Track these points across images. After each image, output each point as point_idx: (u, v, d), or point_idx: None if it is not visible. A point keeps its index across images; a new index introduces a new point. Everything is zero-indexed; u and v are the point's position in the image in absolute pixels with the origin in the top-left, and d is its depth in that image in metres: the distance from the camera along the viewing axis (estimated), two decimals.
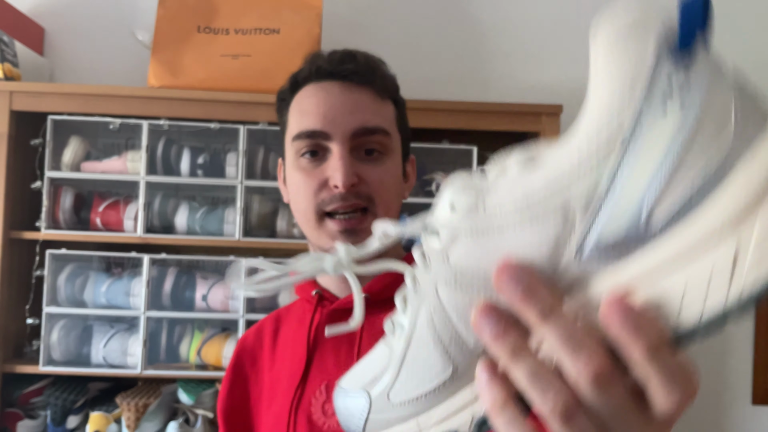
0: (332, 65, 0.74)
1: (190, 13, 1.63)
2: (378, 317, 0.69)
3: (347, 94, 0.73)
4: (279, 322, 0.85)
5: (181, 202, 1.60)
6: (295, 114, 0.75)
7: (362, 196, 0.71)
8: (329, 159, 0.71)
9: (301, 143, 0.72)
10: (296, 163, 0.74)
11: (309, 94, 0.74)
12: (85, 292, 1.56)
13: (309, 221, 0.72)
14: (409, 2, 1.92)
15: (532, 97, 1.90)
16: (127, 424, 1.45)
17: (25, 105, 1.51)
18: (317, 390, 0.73)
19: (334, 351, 0.74)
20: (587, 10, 1.94)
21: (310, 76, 0.75)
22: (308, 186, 0.71)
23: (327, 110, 0.71)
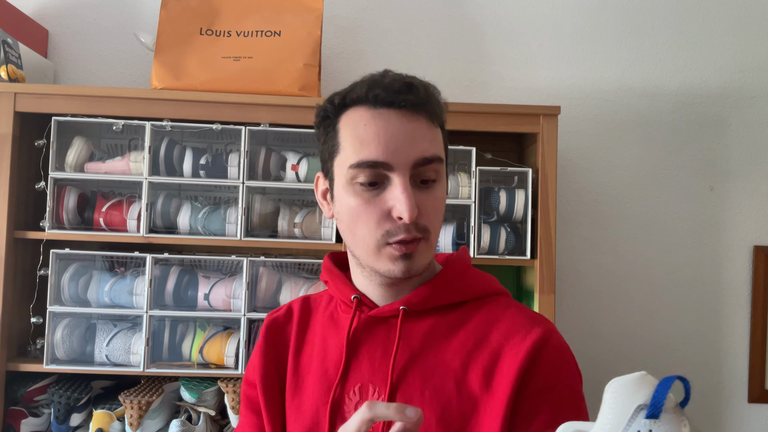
0: (391, 95, 0.74)
1: (193, 15, 1.65)
2: (413, 327, 0.79)
3: (405, 123, 0.74)
4: (308, 310, 0.88)
5: (184, 202, 1.62)
6: (352, 140, 0.75)
7: (420, 228, 0.74)
8: (389, 189, 0.73)
9: (361, 172, 0.73)
10: (352, 189, 0.75)
11: (365, 120, 0.75)
12: (89, 291, 1.57)
13: (368, 247, 0.75)
14: (408, 5, 1.94)
15: (531, 98, 1.92)
16: (130, 422, 1.46)
17: (29, 106, 1.52)
18: (351, 391, 0.77)
19: (369, 356, 0.78)
20: (585, 13, 1.96)
21: (364, 101, 0.76)
22: (370, 215, 0.74)
23: (388, 141, 0.73)
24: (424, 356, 0.77)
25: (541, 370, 0.73)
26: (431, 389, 0.75)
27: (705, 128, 1.96)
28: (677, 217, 1.95)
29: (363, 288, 0.82)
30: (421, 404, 0.74)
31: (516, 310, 0.80)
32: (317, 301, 0.89)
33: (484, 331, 0.77)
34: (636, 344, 1.93)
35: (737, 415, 1.93)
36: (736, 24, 1.97)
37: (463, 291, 0.81)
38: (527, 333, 0.75)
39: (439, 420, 0.73)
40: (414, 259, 0.75)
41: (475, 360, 0.75)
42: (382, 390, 0.75)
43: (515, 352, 0.74)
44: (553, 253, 1.58)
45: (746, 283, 1.94)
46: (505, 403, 0.71)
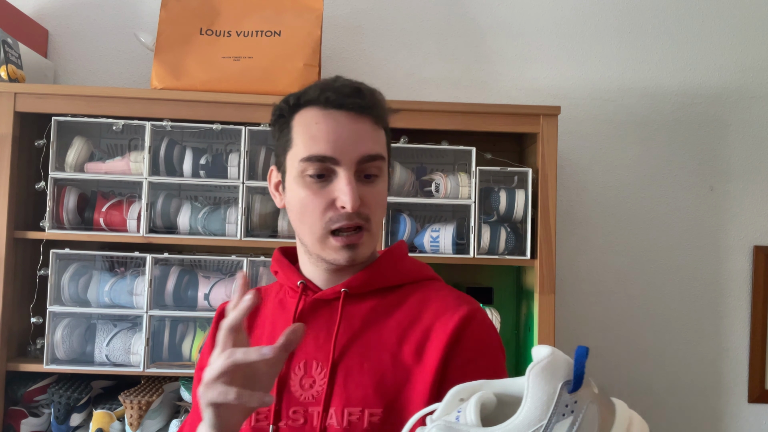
0: (341, 97, 0.82)
1: (193, 15, 1.65)
2: (354, 308, 0.87)
3: (353, 124, 0.82)
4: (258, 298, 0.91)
5: (184, 202, 1.62)
6: (303, 136, 0.82)
7: (362, 217, 0.82)
8: (335, 181, 0.81)
9: (311, 165, 0.81)
10: (302, 181, 0.82)
11: (317, 119, 0.82)
12: (89, 291, 1.57)
13: (314, 234, 0.83)
14: (408, 5, 1.94)
15: (531, 98, 1.92)
16: (130, 421, 1.46)
17: (30, 106, 1.53)
18: (297, 366, 0.84)
19: (314, 335, 0.85)
20: (585, 13, 1.96)
21: (316, 102, 0.83)
22: (316, 205, 0.81)
23: (336, 138, 0.81)
24: (363, 334, 0.85)
25: (467, 344, 0.82)
26: (369, 363, 0.83)
27: (705, 128, 1.96)
28: (677, 217, 1.95)
29: (310, 274, 0.89)
30: (360, 376, 0.82)
31: (447, 291, 0.89)
32: (268, 291, 0.96)
33: (418, 310, 0.86)
34: (636, 344, 1.93)
35: (737, 415, 1.93)
36: (736, 24, 1.97)
37: (399, 275, 0.89)
38: (455, 311, 0.84)
39: (376, 389, 0.81)
40: (357, 249, 0.83)
41: (409, 336, 0.84)
42: (325, 364, 0.83)
43: (444, 327, 0.82)
44: (553, 253, 1.58)
45: (746, 283, 1.94)
46: (433, 372, 0.80)
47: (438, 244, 1.61)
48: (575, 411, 0.47)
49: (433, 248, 1.61)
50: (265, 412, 0.83)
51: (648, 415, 2.03)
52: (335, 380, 0.82)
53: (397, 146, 1.60)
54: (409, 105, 1.60)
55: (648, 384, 1.92)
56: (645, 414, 2.02)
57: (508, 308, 1.81)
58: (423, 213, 1.77)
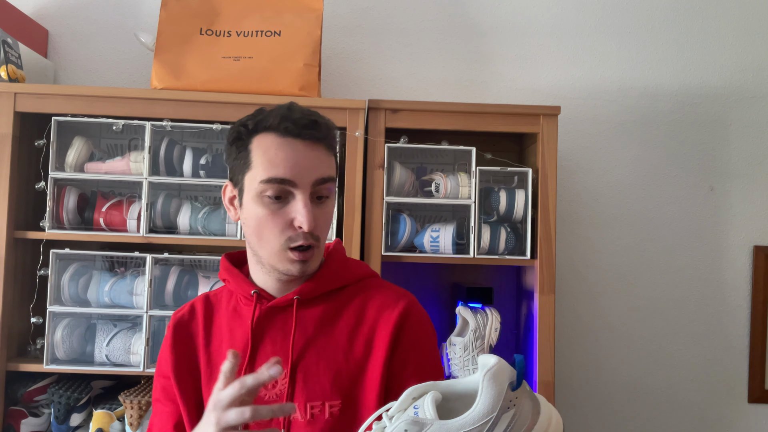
0: (298, 128, 0.89)
1: (193, 15, 1.65)
2: (307, 312, 0.96)
3: (308, 151, 0.90)
4: (211, 306, 1.02)
5: (184, 202, 1.62)
6: (263, 159, 0.89)
7: (314, 237, 0.91)
8: (292, 203, 0.89)
9: (270, 186, 0.88)
10: (260, 201, 0.90)
11: (275, 145, 0.90)
12: (89, 292, 1.57)
13: (272, 249, 0.91)
14: (408, 5, 1.94)
15: (531, 98, 1.92)
16: (130, 421, 1.46)
17: (30, 106, 1.53)
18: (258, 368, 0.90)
19: (271, 340, 0.94)
20: (585, 13, 1.96)
21: (275, 129, 0.90)
22: (275, 224, 0.89)
23: (294, 164, 0.89)
24: (316, 335, 0.94)
25: (407, 333, 0.94)
26: (324, 360, 0.93)
27: (705, 128, 1.97)
28: (677, 217, 1.95)
29: (261, 283, 0.97)
30: (317, 374, 0.92)
31: (385, 288, 1.00)
32: (218, 297, 1.03)
33: (362, 308, 0.96)
34: (636, 344, 1.93)
35: (737, 415, 1.93)
36: (736, 24, 1.97)
37: (344, 278, 0.99)
38: (395, 306, 0.95)
39: (333, 384, 0.91)
40: (308, 263, 0.92)
41: (358, 333, 0.95)
42: (284, 366, 0.90)
43: (387, 322, 0.94)
44: (553, 253, 1.58)
45: (746, 283, 1.94)
46: (382, 362, 0.92)
47: (438, 244, 1.61)
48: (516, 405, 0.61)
49: (433, 248, 1.61)
50: None
51: (648, 415, 2.04)
52: (296, 379, 0.92)
53: (397, 146, 1.60)
54: (409, 105, 1.60)
55: (648, 384, 1.92)
56: (645, 414, 2.05)
57: (508, 308, 1.81)
58: (423, 213, 1.77)
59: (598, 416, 1.91)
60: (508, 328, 1.79)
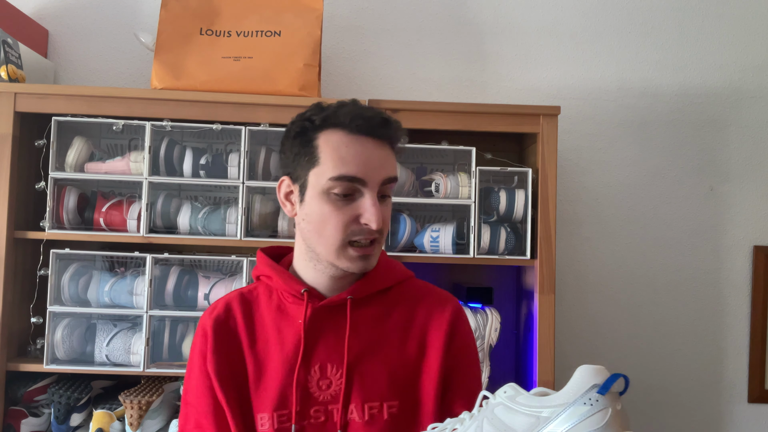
0: (370, 127, 0.89)
1: (193, 15, 1.65)
2: (360, 313, 0.95)
3: (378, 149, 0.90)
4: (247, 304, 0.98)
5: (184, 202, 1.62)
6: (333, 156, 0.88)
7: (378, 231, 0.90)
8: (360, 200, 0.89)
9: (339, 184, 0.88)
10: (326, 197, 0.89)
11: (346, 143, 0.89)
12: (89, 291, 1.57)
13: (333, 246, 0.90)
14: (409, 5, 1.94)
15: (531, 98, 1.92)
16: (130, 421, 1.46)
17: (30, 106, 1.53)
18: (312, 369, 0.92)
19: (324, 339, 0.93)
20: (585, 13, 1.96)
21: (345, 126, 0.89)
22: (339, 219, 0.88)
23: (365, 162, 0.88)
24: (370, 335, 0.94)
25: (458, 337, 0.97)
26: (379, 360, 0.93)
27: (705, 128, 1.97)
28: (677, 217, 1.95)
29: (310, 281, 0.96)
30: (373, 374, 0.92)
31: (429, 290, 1.02)
32: (253, 294, 1.00)
33: (411, 308, 0.98)
34: (636, 344, 1.93)
35: (737, 415, 1.93)
36: (736, 24, 1.97)
37: (390, 278, 0.99)
38: (444, 308, 0.98)
39: (390, 385, 0.92)
40: (370, 259, 0.92)
41: (409, 334, 0.96)
42: (339, 366, 0.92)
43: (438, 324, 0.96)
44: (553, 253, 1.58)
45: (746, 283, 1.94)
46: (439, 363, 0.93)
47: (438, 244, 1.61)
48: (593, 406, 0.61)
49: (433, 248, 1.61)
50: (287, 414, 0.91)
51: (648, 415, 2.03)
52: (352, 379, 0.91)
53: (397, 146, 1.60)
54: (409, 105, 1.60)
55: (648, 384, 1.92)
56: (645, 414, 2.04)
57: (508, 308, 1.81)
58: (423, 213, 1.77)
59: None
60: (508, 328, 1.79)
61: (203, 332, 0.96)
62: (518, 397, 0.67)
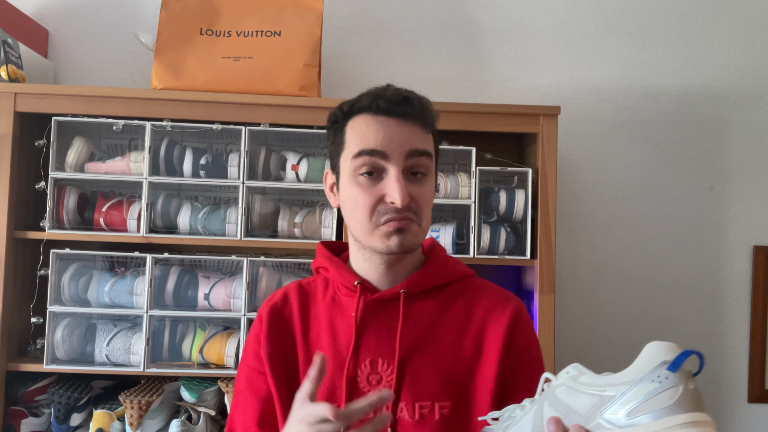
0: (391, 105, 0.87)
1: (193, 15, 1.65)
2: (413, 307, 0.92)
3: (402, 126, 0.87)
4: (304, 295, 0.98)
5: (184, 202, 1.62)
6: (355, 137, 0.88)
7: (411, 211, 0.87)
8: (385, 179, 0.86)
9: (361, 161, 0.86)
10: (354, 180, 0.88)
11: (367, 122, 0.88)
12: (89, 291, 1.57)
13: (365, 229, 0.88)
14: (408, 5, 1.94)
15: (531, 98, 1.92)
16: (130, 421, 1.46)
17: (30, 106, 1.53)
18: (363, 364, 0.89)
19: (375, 333, 0.91)
20: (585, 13, 1.96)
21: (368, 108, 0.88)
22: (367, 201, 0.86)
23: (386, 135, 0.86)
24: (423, 331, 0.91)
25: (519, 336, 0.92)
26: (433, 358, 0.89)
27: (705, 128, 1.97)
28: (677, 217, 1.95)
29: (363, 272, 0.94)
30: (425, 371, 0.88)
31: (489, 288, 0.99)
32: (311, 285, 0.99)
33: (469, 307, 0.94)
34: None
35: (737, 415, 1.93)
36: (736, 24, 1.97)
37: (448, 274, 0.96)
38: (504, 307, 0.94)
39: (443, 384, 0.88)
40: (406, 234, 0.87)
41: (466, 333, 0.91)
42: (391, 361, 0.88)
43: (498, 324, 0.91)
44: (552, 253, 1.58)
45: (746, 283, 1.94)
46: (496, 364, 0.88)
47: None
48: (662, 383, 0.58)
49: None
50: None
51: None
52: (403, 376, 0.88)
53: None
54: None
55: None
56: None
57: None
58: None
59: None
60: None
61: (259, 319, 0.96)
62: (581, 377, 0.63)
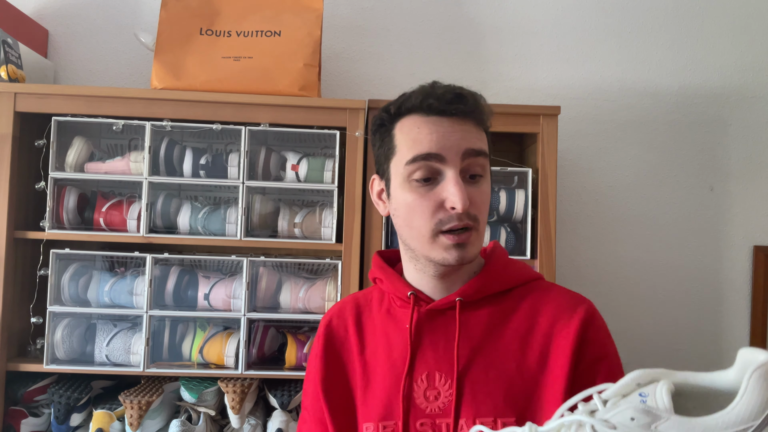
0: (443, 104, 0.83)
1: (193, 15, 1.65)
2: (470, 316, 0.86)
3: (455, 125, 0.83)
4: (359, 308, 0.95)
5: (184, 202, 1.62)
6: (407, 141, 0.83)
7: (470, 217, 0.82)
8: (442, 183, 0.81)
9: (416, 166, 0.81)
10: (408, 186, 0.83)
11: (418, 124, 0.83)
12: (89, 291, 1.57)
13: (423, 237, 0.83)
14: (408, 5, 1.94)
15: (531, 98, 1.92)
16: (130, 422, 1.46)
17: (30, 106, 1.53)
18: (419, 378, 0.84)
19: (432, 346, 0.85)
20: (585, 13, 1.96)
21: (418, 109, 0.84)
22: (425, 207, 0.81)
23: (440, 137, 0.81)
24: (483, 343, 0.84)
25: (592, 344, 0.83)
26: (494, 372, 0.82)
27: (705, 128, 1.97)
28: (677, 217, 1.95)
29: (416, 283, 0.89)
30: (486, 386, 0.81)
31: (556, 292, 0.90)
32: (367, 298, 0.96)
33: (533, 314, 0.86)
34: (636, 344, 1.93)
35: None
36: (736, 24, 1.97)
37: (509, 280, 0.89)
38: (573, 313, 0.85)
39: (506, 399, 0.80)
40: (466, 248, 0.82)
41: (530, 342, 0.83)
42: (449, 375, 0.83)
43: (566, 332, 0.83)
44: (553, 253, 1.58)
45: (746, 283, 1.94)
46: (564, 378, 0.80)
47: None
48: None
49: None
50: (391, 426, 0.83)
51: None
52: (463, 391, 0.82)
53: None
54: None
55: None
56: None
57: None
58: None
59: None
60: None
61: (318, 337, 0.94)
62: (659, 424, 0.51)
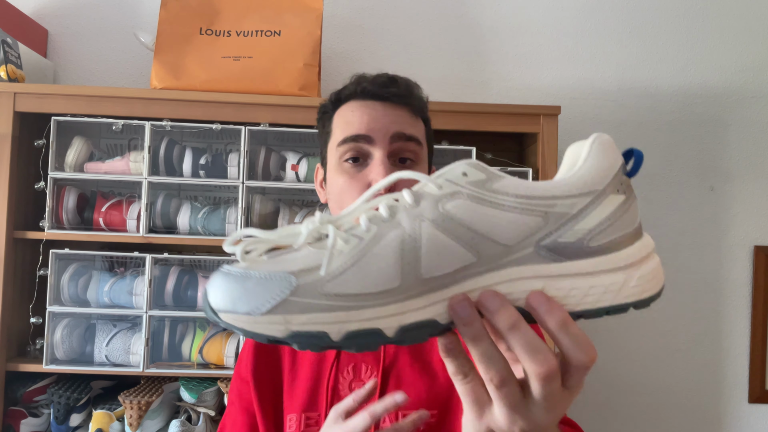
0: (376, 87, 0.84)
1: (192, 15, 1.65)
2: None
3: (388, 110, 0.83)
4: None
5: (184, 202, 1.61)
6: (340, 124, 0.84)
7: None
8: (370, 164, 0.81)
9: (346, 147, 0.82)
10: (339, 168, 0.83)
11: (352, 108, 0.85)
12: (88, 292, 1.57)
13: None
14: (408, 4, 1.93)
15: (531, 98, 1.92)
16: (130, 422, 1.46)
17: (29, 106, 1.52)
18: (345, 370, 0.86)
19: None
20: (585, 13, 1.96)
21: (354, 95, 0.86)
22: (353, 188, 0.81)
23: (370, 119, 0.82)
24: None
25: None
26: (419, 365, 0.84)
27: (705, 128, 1.96)
28: (677, 217, 1.95)
29: None
30: (412, 377, 0.83)
31: None
32: None
33: None
34: (636, 344, 1.92)
35: (737, 415, 1.93)
36: (736, 24, 1.97)
37: None
38: None
39: (429, 391, 0.82)
40: None
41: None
42: (375, 368, 0.84)
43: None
44: None
45: (746, 283, 1.94)
46: None
47: None
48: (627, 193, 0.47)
49: None
50: (315, 417, 0.84)
51: (648, 415, 2.02)
52: (387, 384, 0.83)
53: None
54: None
55: (648, 384, 1.92)
56: (645, 414, 2.02)
57: None
58: None
59: (598, 416, 1.90)
60: None
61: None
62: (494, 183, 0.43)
